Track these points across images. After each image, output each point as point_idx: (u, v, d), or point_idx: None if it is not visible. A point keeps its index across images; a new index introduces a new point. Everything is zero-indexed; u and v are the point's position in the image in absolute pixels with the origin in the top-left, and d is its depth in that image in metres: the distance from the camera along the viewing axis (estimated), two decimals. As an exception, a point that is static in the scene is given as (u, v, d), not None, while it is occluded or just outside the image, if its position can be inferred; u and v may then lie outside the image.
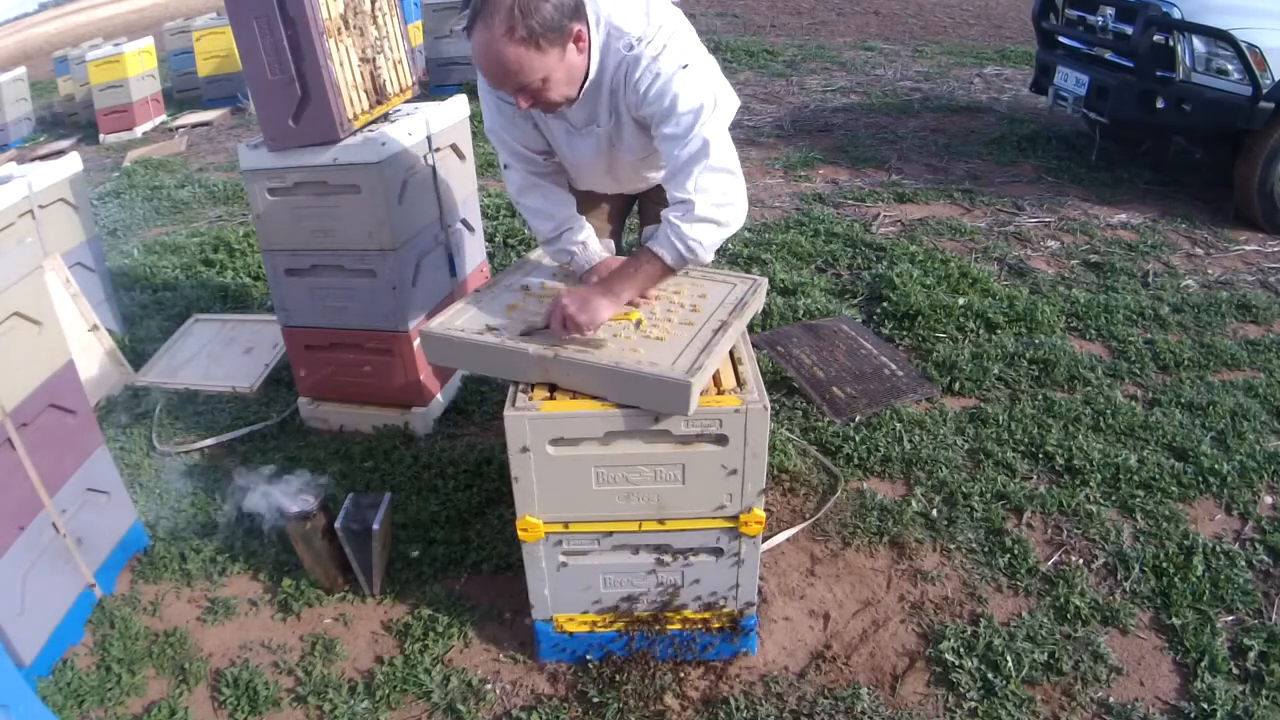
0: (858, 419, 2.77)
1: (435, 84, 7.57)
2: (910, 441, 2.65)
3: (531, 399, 1.68)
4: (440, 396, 2.91)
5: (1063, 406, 2.77)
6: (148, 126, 7.94)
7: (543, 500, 1.73)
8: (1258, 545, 2.22)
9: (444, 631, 2.04)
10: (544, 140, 2.02)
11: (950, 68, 7.85)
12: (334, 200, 2.51)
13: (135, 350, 3.37)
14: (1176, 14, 4.09)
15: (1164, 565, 2.14)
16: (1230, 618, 2.01)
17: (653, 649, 1.92)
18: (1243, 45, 3.86)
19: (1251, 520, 2.31)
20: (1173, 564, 2.14)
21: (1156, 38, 4.20)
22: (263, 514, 2.20)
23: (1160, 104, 4.18)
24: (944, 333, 3.24)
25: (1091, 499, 2.39)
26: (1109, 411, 2.74)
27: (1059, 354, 3.03)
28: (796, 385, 2.96)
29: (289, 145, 2.44)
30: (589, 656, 1.93)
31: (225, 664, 2.01)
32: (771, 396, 2.64)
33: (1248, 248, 4.00)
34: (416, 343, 2.69)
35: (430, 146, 2.73)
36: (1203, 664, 1.88)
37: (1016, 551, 2.21)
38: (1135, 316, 3.35)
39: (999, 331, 3.25)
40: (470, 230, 3.06)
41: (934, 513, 2.37)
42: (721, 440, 1.66)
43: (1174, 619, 2.00)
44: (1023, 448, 2.61)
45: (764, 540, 2.19)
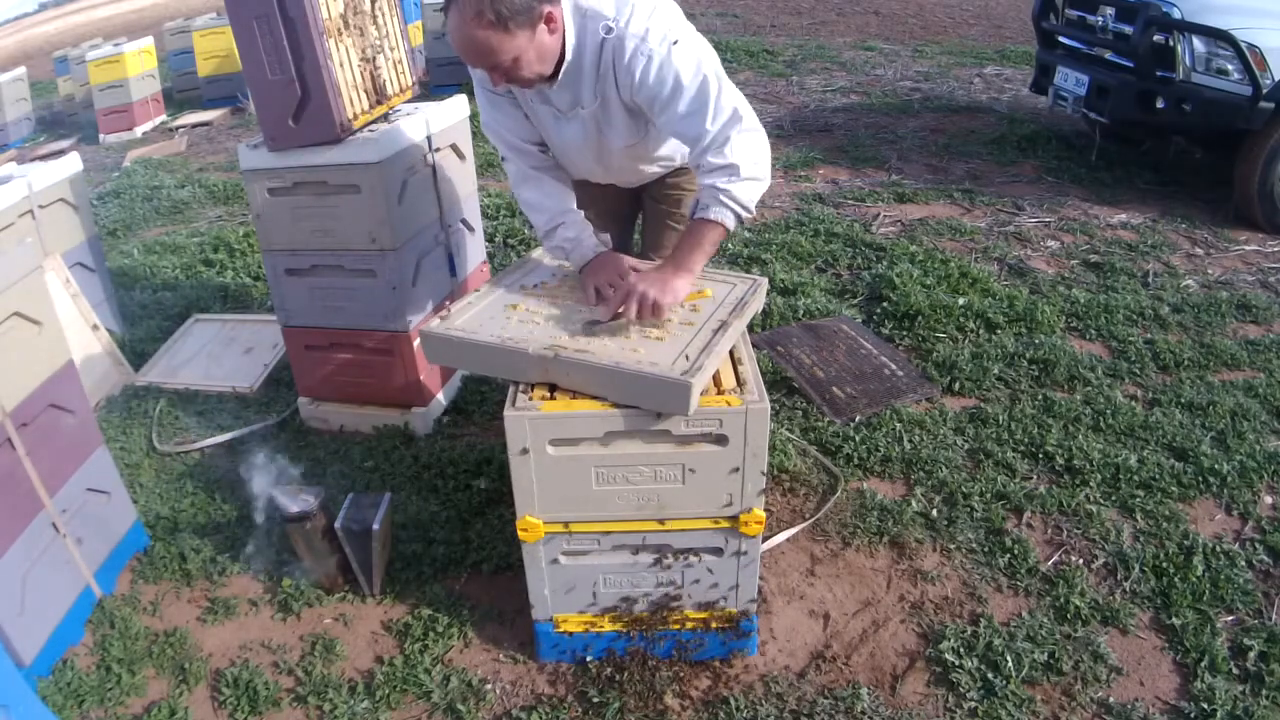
0: (858, 419, 2.77)
1: (435, 84, 7.57)
2: (910, 441, 2.65)
3: (531, 399, 1.68)
4: (440, 396, 2.91)
5: (1063, 406, 2.77)
6: (148, 126, 7.94)
7: (543, 500, 1.73)
8: (1258, 545, 2.22)
9: (444, 631, 2.04)
10: (535, 130, 2.04)
11: (950, 68, 7.85)
12: (334, 200, 2.51)
13: (135, 350, 3.37)
14: (1176, 14, 4.09)
15: (1164, 565, 2.14)
16: (1230, 618, 2.01)
17: (653, 649, 1.92)
18: (1243, 45, 3.87)
19: (1251, 520, 2.31)
20: (1173, 564, 2.14)
21: (1156, 38, 4.20)
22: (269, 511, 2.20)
23: (1160, 104, 4.18)
24: (944, 333, 3.24)
25: (1091, 499, 2.39)
26: (1109, 411, 2.74)
27: (1059, 354, 3.03)
28: (796, 385, 2.96)
29: (289, 145, 2.44)
30: (589, 656, 1.93)
31: (225, 664, 2.01)
32: (771, 396, 2.64)
33: (1248, 248, 4.00)
34: (416, 343, 2.69)
35: (430, 146, 2.73)
36: (1203, 664, 1.88)
37: (1016, 551, 2.21)
38: (1135, 316, 3.35)
39: (999, 331, 3.25)
40: (470, 230, 3.06)
41: (934, 513, 2.37)
42: (721, 440, 1.66)
43: (1174, 619, 2.00)
44: (1023, 448, 2.61)
45: (764, 540, 2.19)
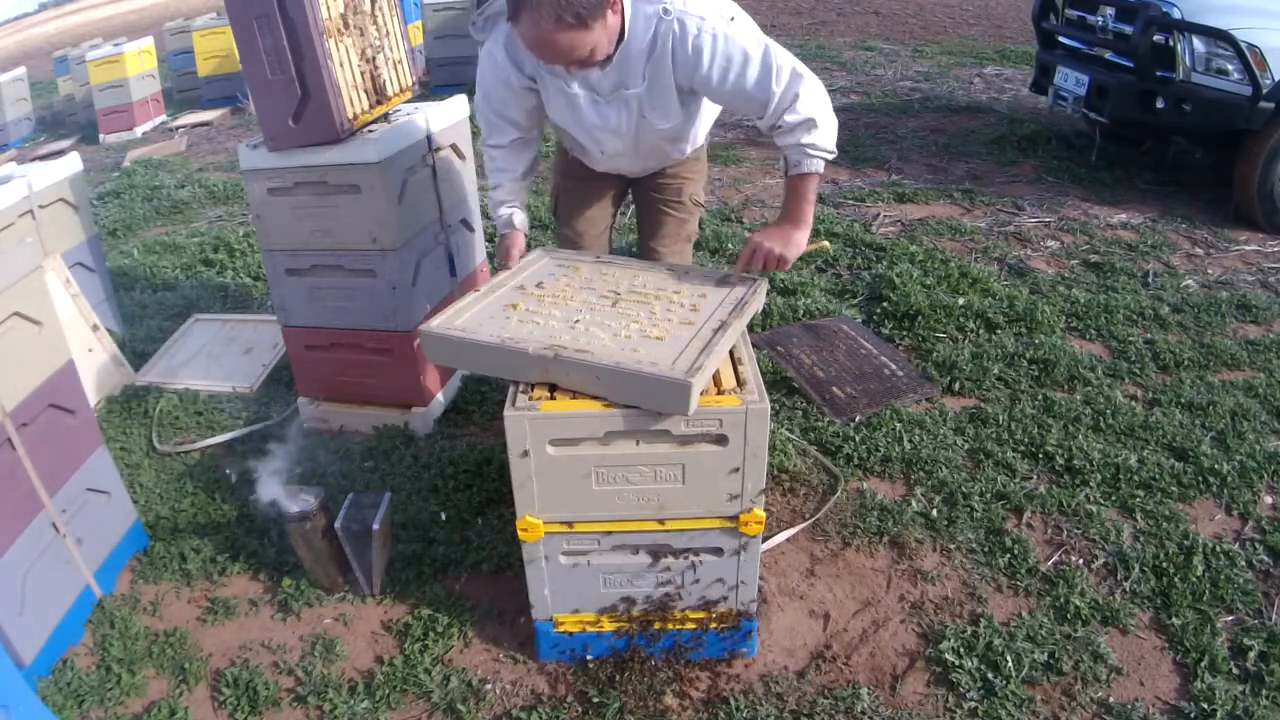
0: (858, 419, 2.77)
1: (435, 84, 7.57)
2: (910, 441, 2.65)
3: (531, 399, 1.68)
4: (440, 396, 2.91)
5: (1063, 406, 2.77)
6: (148, 126, 7.95)
7: (543, 500, 1.73)
8: (1258, 545, 2.22)
9: (444, 631, 2.04)
10: (535, 114, 2.16)
11: (950, 68, 7.85)
12: (334, 200, 2.51)
13: (135, 350, 3.37)
14: (1176, 14, 4.09)
15: (1164, 565, 2.14)
16: (1230, 618, 2.01)
17: (653, 649, 1.92)
18: (1243, 45, 3.86)
19: (1251, 520, 2.31)
20: (1173, 564, 2.14)
21: (1156, 38, 4.20)
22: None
23: (1160, 104, 4.18)
24: (944, 333, 3.24)
25: (1091, 499, 2.39)
26: (1109, 411, 2.74)
27: (1059, 354, 3.03)
28: (796, 385, 2.96)
29: (289, 145, 2.44)
30: (589, 656, 1.93)
31: (225, 664, 2.01)
32: (771, 396, 2.64)
33: (1248, 248, 4.00)
34: (417, 342, 2.68)
35: (430, 146, 2.73)
36: (1203, 664, 1.88)
37: (1016, 551, 2.21)
38: (1135, 316, 3.35)
39: (999, 331, 3.25)
40: (470, 230, 3.06)
41: (934, 513, 2.37)
42: (721, 440, 1.66)
43: (1174, 619, 2.00)
44: (1023, 448, 2.61)
45: (764, 540, 2.19)
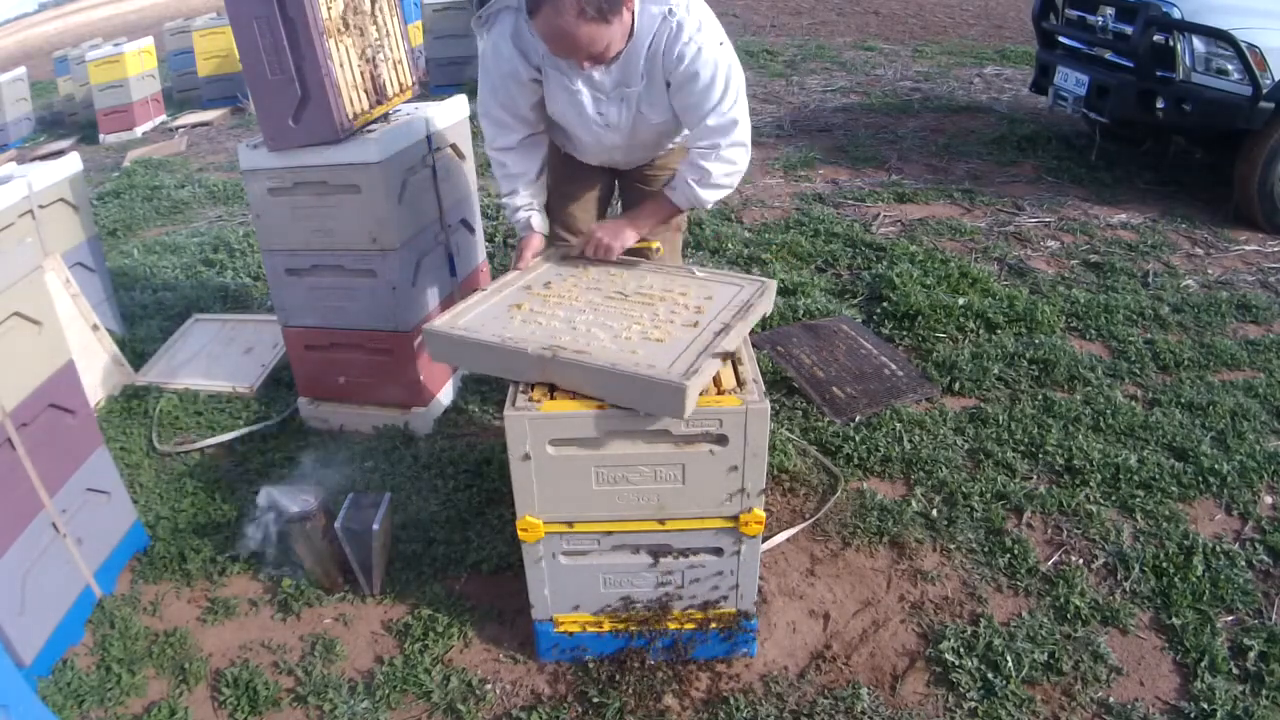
0: (858, 419, 2.77)
1: (435, 84, 7.57)
2: (910, 441, 2.65)
3: (531, 399, 1.68)
4: (440, 396, 2.91)
5: (1063, 406, 2.77)
6: (148, 126, 7.95)
7: (543, 500, 1.73)
8: (1258, 545, 2.22)
9: (444, 631, 2.04)
10: (538, 110, 2.15)
11: (950, 68, 7.84)
12: (334, 200, 2.51)
13: (135, 350, 3.37)
14: (1176, 14, 4.09)
15: (1164, 565, 2.14)
16: (1230, 618, 2.01)
17: (652, 649, 1.92)
18: (1243, 45, 3.86)
19: (1251, 520, 2.31)
20: (1173, 564, 2.14)
21: (1156, 38, 4.20)
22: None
23: (1160, 104, 4.18)
24: (944, 333, 3.24)
25: (1091, 499, 2.39)
26: (1109, 411, 2.74)
27: (1059, 354, 3.03)
28: (796, 385, 2.96)
29: (289, 145, 2.44)
30: (589, 656, 1.93)
31: (225, 664, 2.01)
32: (771, 396, 2.64)
33: (1248, 248, 4.00)
34: (417, 342, 2.69)
35: (430, 146, 2.73)
36: (1203, 664, 1.88)
37: (1016, 551, 2.21)
38: (1135, 316, 3.35)
39: (999, 331, 3.25)
40: (470, 230, 3.06)
41: (934, 513, 2.37)
42: (721, 440, 1.66)
43: (1174, 619, 2.00)
44: (1023, 448, 2.61)
45: (764, 540, 2.19)
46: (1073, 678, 1.87)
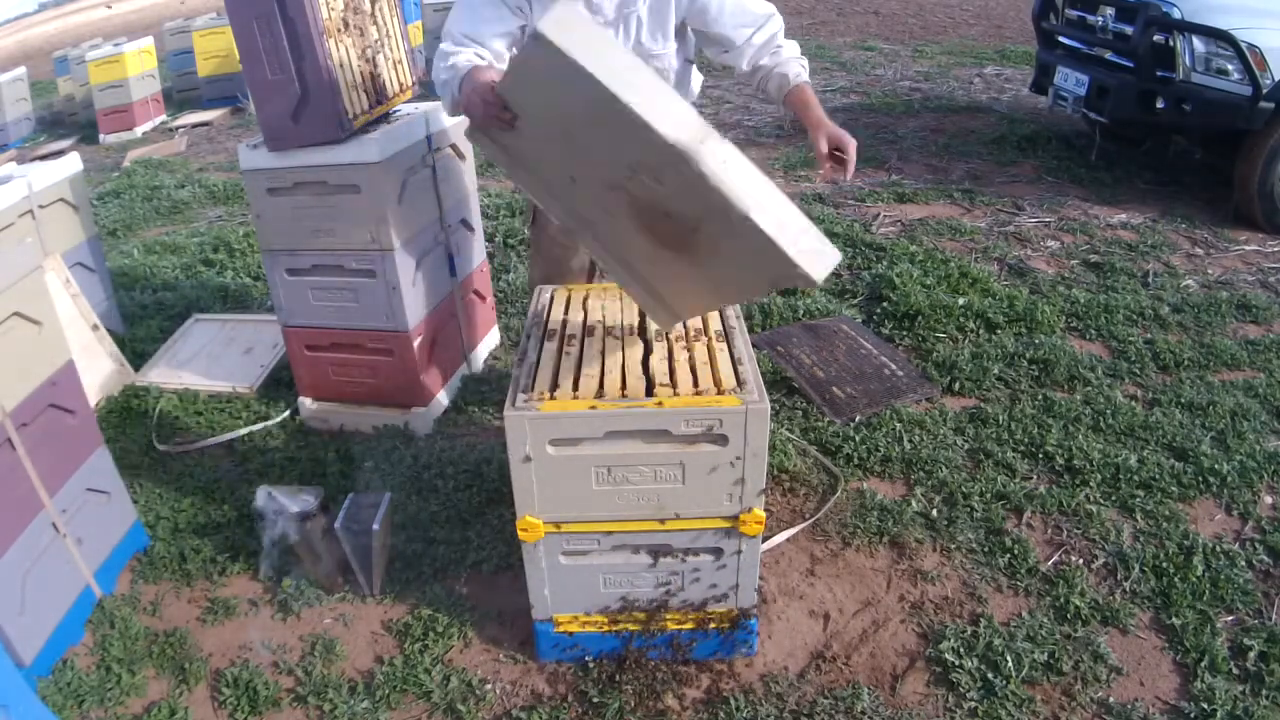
0: (858, 419, 2.77)
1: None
2: (910, 441, 2.65)
3: (531, 399, 1.68)
4: (440, 396, 2.91)
5: (1063, 406, 2.77)
6: (148, 126, 7.95)
7: (542, 500, 1.73)
8: (1258, 545, 2.22)
9: (444, 631, 2.04)
10: (506, 44, 2.05)
11: (950, 68, 7.84)
12: (334, 200, 2.51)
13: (135, 350, 3.37)
14: (1176, 14, 4.09)
15: (1164, 565, 2.14)
16: (1230, 618, 2.01)
17: (652, 649, 1.92)
18: (1243, 45, 3.86)
19: (1251, 520, 2.31)
20: (1173, 564, 2.14)
21: (1156, 38, 4.20)
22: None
23: (1160, 104, 4.18)
24: (944, 333, 3.24)
25: (1091, 499, 2.39)
26: (1109, 411, 2.73)
27: (1059, 354, 3.03)
28: (796, 385, 2.96)
29: (289, 145, 2.44)
30: (588, 656, 1.93)
31: (225, 664, 2.01)
32: (771, 396, 2.64)
33: (1248, 248, 4.00)
34: (416, 342, 2.69)
35: (430, 146, 2.73)
36: (1203, 664, 1.88)
37: (1016, 551, 2.21)
38: (1135, 316, 3.35)
39: (999, 331, 3.25)
40: (470, 230, 3.06)
41: (934, 513, 2.37)
42: (721, 440, 1.66)
43: (1174, 619, 2.00)
44: (1023, 448, 2.61)
45: (764, 540, 2.19)
46: (1073, 678, 1.87)
